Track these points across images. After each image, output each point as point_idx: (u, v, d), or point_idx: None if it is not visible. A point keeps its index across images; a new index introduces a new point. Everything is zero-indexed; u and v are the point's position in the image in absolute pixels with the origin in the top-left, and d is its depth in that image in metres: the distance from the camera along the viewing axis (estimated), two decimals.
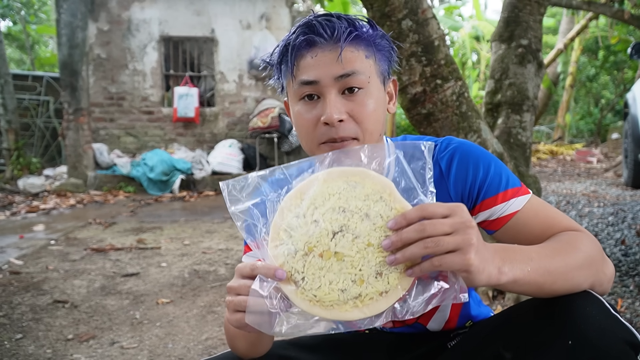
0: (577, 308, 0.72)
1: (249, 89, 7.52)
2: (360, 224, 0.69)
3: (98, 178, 6.74)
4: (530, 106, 2.41)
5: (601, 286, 0.78)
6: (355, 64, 0.83)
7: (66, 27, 6.50)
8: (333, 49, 0.82)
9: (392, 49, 0.90)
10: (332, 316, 0.68)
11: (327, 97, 0.83)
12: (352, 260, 0.68)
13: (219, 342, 2.04)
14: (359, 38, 0.83)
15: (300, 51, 0.83)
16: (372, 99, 0.85)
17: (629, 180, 5.41)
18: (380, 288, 0.67)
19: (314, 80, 0.83)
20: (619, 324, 0.71)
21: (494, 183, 0.88)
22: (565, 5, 4.38)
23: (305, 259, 0.69)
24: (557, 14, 13.52)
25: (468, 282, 0.68)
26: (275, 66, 0.89)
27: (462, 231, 0.65)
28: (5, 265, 3.18)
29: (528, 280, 0.71)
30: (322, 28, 0.82)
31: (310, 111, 0.85)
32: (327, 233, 0.69)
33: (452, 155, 0.91)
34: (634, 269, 2.55)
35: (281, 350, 0.96)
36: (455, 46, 11.23)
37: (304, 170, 0.79)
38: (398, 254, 0.66)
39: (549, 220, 0.86)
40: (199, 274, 2.99)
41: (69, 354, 1.96)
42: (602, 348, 0.67)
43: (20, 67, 14.05)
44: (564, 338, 0.70)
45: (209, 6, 7.33)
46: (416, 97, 2.01)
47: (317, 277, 0.68)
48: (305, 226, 0.70)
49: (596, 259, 0.78)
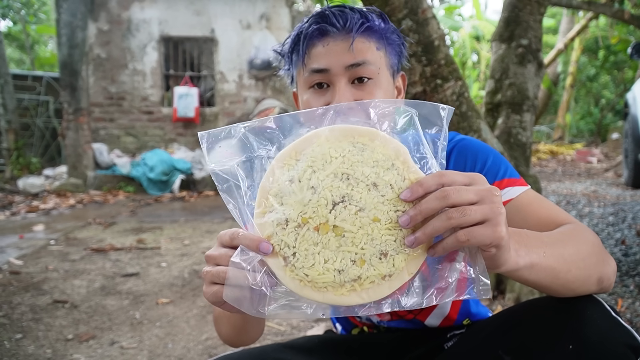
0: (578, 311, 0.71)
1: (248, 89, 7.51)
2: (366, 194, 0.59)
3: (98, 178, 6.74)
4: (531, 106, 2.40)
5: (608, 280, 0.75)
6: (366, 54, 0.83)
7: (66, 27, 6.50)
8: (345, 39, 0.83)
9: (402, 44, 0.91)
10: (325, 299, 0.58)
11: (337, 85, 0.83)
12: (354, 237, 0.58)
13: (219, 342, 2.04)
14: (371, 30, 0.84)
15: (312, 40, 0.84)
16: (381, 90, 0.85)
17: (629, 180, 5.41)
18: (384, 271, 0.58)
19: (324, 68, 0.83)
20: (620, 327, 0.70)
21: (491, 173, 0.88)
22: (565, 5, 4.37)
23: (297, 231, 0.59)
24: (557, 14, 13.51)
25: (493, 265, 0.60)
26: (286, 55, 0.89)
27: (488, 199, 0.57)
28: (5, 265, 3.18)
29: (545, 265, 0.65)
30: (334, 18, 0.82)
31: (319, 99, 0.85)
32: (326, 203, 0.59)
33: (451, 149, 0.92)
34: (634, 269, 2.55)
35: (276, 354, 0.93)
36: (455, 46, 11.23)
37: (300, 125, 0.68)
38: (418, 232, 0.57)
39: (544, 211, 0.83)
40: (198, 274, 2.98)
41: (69, 354, 1.96)
42: (603, 351, 0.67)
43: (20, 67, 14.05)
44: (565, 341, 0.69)
45: (209, 6, 7.33)
46: (416, 97, 2.01)
47: (310, 253, 0.58)
48: (301, 192, 0.59)
49: (600, 252, 0.76)
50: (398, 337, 1.01)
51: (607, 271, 0.75)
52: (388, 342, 1.01)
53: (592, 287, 0.73)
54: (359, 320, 1.05)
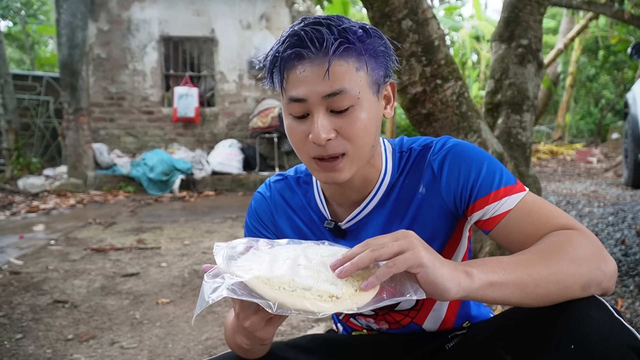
0: (580, 311, 0.71)
1: (249, 89, 7.52)
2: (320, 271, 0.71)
3: (98, 178, 6.74)
4: (530, 106, 2.41)
5: (599, 285, 0.74)
6: (344, 80, 0.79)
7: (66, 27, 6.50)
8: (321, 63, 0.78)
9: (389, 54, 0.85)
10: (274, 297, 0.65)
11: (315, 115, 0.80)
12: (310, 276, 0.70)
13: (219, 342, 2.04)
14: (349, 50, 0.79)
15: (289, 63, 0.80)
16: (364, 113, 0.82)
17: (629, 180, 5.41)
18: (333, 291, 0.67)
19: (302, 98, 0.80)
20: (623, 328, 0.69)
21: (486, 182, 0.86)
22: (565, 5, 4.38)
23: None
24: (557, 15, 13.52)
25: (434, 288, 0.68)
26: (267, 73, 0.86)
27: (403, 238, 0.70)
28: (5, 265, 3.18)
29: (505, 282, 0.70)
30: (309, 40, 0.78)
31: (300, 126, 0.83)
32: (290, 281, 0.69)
33: (444, 156, 0.90)
34: (634, 269, 2.55)
35: (280, 352, 0.96)
36: (455, 46, 11.24)
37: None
38: (347, 263, 0.69)
39: (542, 218, 0.83)
40: (199, 274, 2.98)
41: (69, 354, 1.96)
42: (605, 352, 0.66)
43: (20, 67, 14.05)
44: (566, 341, 0.69)
45: (209, 6, 7.33)
46: (416, 97, 2.01)
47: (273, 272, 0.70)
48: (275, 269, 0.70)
49: (590, 258, 0.75)
50: (400, 337, 1.01)
51: (595, 277, 0.74)
52: (390, 342, 1.01)
53: (576, 294, 0.73)
54: (359, 325, 1.06)
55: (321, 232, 0.98)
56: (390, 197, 0.93)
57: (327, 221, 0.96)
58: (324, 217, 0.97)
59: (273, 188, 1.03)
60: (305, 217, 0.99)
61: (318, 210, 0.98)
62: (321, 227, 0.97)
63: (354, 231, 0.95)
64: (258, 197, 1.04)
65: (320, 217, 0.98)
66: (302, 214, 0.99)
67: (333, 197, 0.96)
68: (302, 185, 1.01)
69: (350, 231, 0.95)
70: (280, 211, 1.01)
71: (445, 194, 0.89)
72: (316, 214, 0.98)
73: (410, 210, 0.92)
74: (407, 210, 0.92)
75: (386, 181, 0.93)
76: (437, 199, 0.90)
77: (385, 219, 0.93)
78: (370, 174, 0.92)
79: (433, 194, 0.90)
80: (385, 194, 0.93)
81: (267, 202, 1.02)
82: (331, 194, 0.96)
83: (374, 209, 0.93)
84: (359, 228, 0.95)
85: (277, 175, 1.05)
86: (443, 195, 0.89)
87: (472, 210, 0.87)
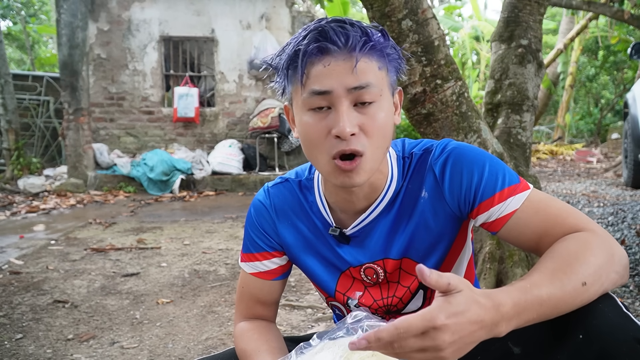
0: (590, 304, 0.72)
1: (249, 89, 7.52)
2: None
3: (98, 178, 6.74)
4: (530, 106, 2.41)
5: (614, 285, 0.75)
6: (369, 75, 0.79)
7: (66, 27, 6.50)
8: (347, 58, 0.78)
9: (400, 59, 0.87)
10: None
11: (340, 108, 0.79)
12: None
13: (219, 342, 2.04)
14: (374, 48, 0.80)
15: (312, 58, 0.79)
16: (384, 112, 0.82)
17: (628, 180, 5.41)
18: None
19: (326, 90, 0.79)
20: (631, 322, 0.70)
21: (490, 184, 0.86)
22: (565, 5, 4.38)
23: None
24: (557, 15, 13.52)
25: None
26: (281, 70, 0.84)
27: (432, 350, 0.64)
28: (6, 265, 3.19)
29: (527, 309, 0.69)
30: (335, 35, 0.77)
31: (320, 122, 0.81)
32: None
33: (445, 160, 0.89)
34: (634, 269, 2.56)
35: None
36: (455, 46, 11.24)
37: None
38: (363, 342, 0.64)
39: (552, 218, 0.82)
40: (199, 274, 2.99)
41: (69, 354, 1.97)
42: (613, 343, 0.67)
43: (20, 67, 14.05)
44: (574, 331, 0.70)
45: (209, 6, 7.33)
46: (416, 97, 2.01)
47: None
48: None
49: (605, 264, 0.74)
50: None
51: (611, 280, 0.75)
52: None
53: (593, 299, 0.73)
54: None
55: (325, 239, 0.97)
56: (395, 203, 0.93)
57: (332, 228, 0.95)
58: (327, 223, 0.97)
59: (272, 194, 1.02)
60: (308, 222, 0.99)
61: (321, 216, 0.97)
62: (325, 233, 0.97)
63: (359, 237, 0.95)
64: (258, 205, 1.02)
65: (323, 223, 0.97)
66: (305, 220, 0.99)
67: (337, 204, 0.95)
68: (304, 189, 1.00)
69: (355, 237, 0.95)
70: (282, 218, 1.00)
71: (448, 198, 0.89)
72: (319, 219, 0.98)
73: (414, 216, 0.92)
74: (411, 215, 0.92)
75: (392, 188, 0.93)
76: (441, 203, 0.90)
77: (390, 225, 0.93)
78: (378, 180, 0.91)
79: (436, 198, 0.90)
80: (390, 200, 0.93)
81: (267, 211, 1.01)
82: (336, 201, 0.95)
83: (379, 215, 0.93)
84: (364, 234, 0.94)
85: (277, 179, 1.04)
86: (447, 199, 0.89)
87: (477, 212, 0.87)
